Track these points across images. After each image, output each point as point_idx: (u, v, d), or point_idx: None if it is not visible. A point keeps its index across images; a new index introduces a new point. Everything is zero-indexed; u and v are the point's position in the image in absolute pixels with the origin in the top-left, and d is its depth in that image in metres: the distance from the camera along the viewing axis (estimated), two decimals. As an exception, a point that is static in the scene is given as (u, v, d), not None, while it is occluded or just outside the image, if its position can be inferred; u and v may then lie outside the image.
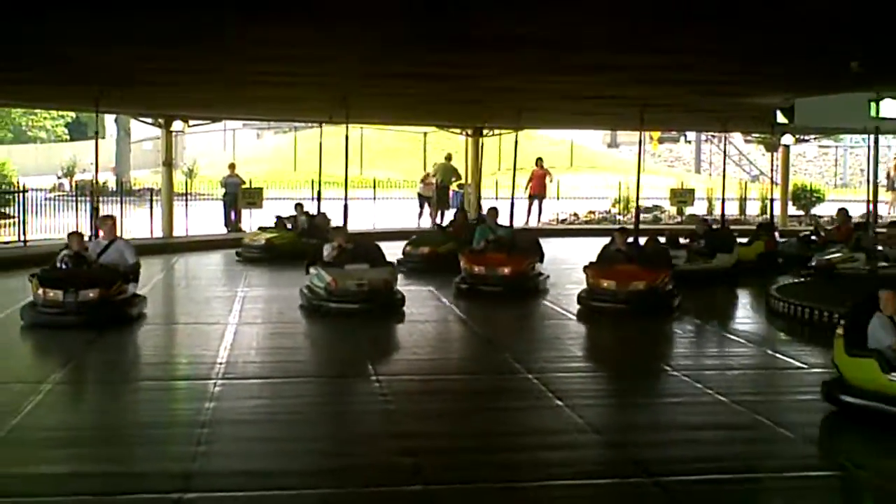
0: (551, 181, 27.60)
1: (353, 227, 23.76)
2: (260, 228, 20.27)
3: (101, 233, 12.87)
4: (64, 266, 12.03)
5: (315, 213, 20.18)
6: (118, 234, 13.00)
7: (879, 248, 15.68)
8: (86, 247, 12.60)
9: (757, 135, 32.89)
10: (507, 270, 14.69)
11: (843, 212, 19.44)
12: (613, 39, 9.03)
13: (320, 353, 11.20)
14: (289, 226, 19.96)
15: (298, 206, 20.76)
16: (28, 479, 6.51)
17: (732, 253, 16.82)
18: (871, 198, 14.70)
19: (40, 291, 11.61)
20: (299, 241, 18.86)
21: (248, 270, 17.91)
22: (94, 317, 11.43)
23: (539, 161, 27.13)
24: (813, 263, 16.53)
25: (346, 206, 15.70)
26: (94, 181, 14.14)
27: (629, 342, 11.86)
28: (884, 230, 17.26)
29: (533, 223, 26.39)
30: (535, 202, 26.89)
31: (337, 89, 14.07)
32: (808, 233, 20.27)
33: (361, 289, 12.68)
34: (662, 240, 16.26)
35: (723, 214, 19.33)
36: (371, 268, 13.07)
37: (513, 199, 17.26)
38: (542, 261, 15.71)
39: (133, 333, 11.92)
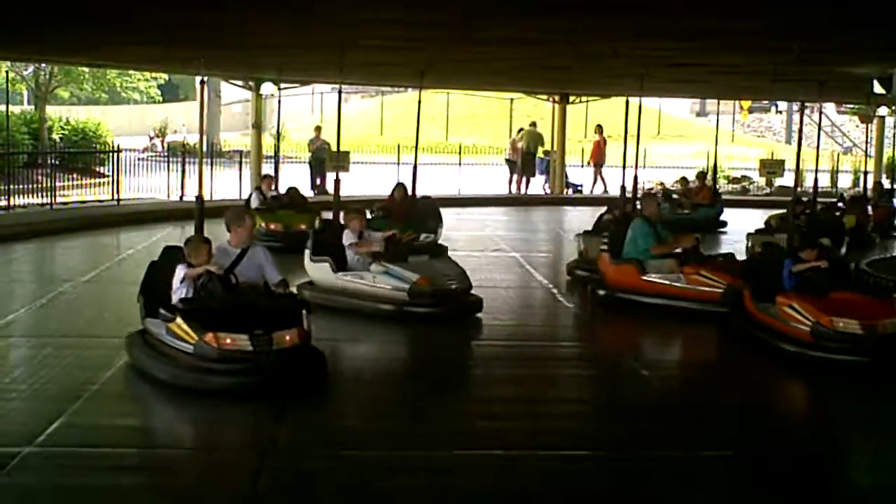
0: (603, 147, 26.99)
1: (438, 192, 23.94)
2: None
3: (235, 236, 8.44)
4: (207, 294, 7.78)
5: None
6: (253, 236, 8.75)
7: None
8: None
9: (851, 105, 32.05)
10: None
11: None
12: (706, 4, 8.84)
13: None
14: None
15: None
16: (123, 431, 6.67)
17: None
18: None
19: (208, 338, 7.24)
20: None
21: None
22: (294, 372, 7.36)
23: (598, 128, 26.76)
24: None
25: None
26: (200, 143, 11.83)
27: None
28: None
29: (598, 191, 26.04)
30: (596, 170, 26.55)
31: (423, 54, 13.97)
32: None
33: (454, 290, 10.36)
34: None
35: (815, 191, 16.77)
36: (442, 262, 10.92)
37: (634, 170, 13.61)
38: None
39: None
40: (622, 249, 11.26)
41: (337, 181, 12.84)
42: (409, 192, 14.99)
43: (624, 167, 13.63)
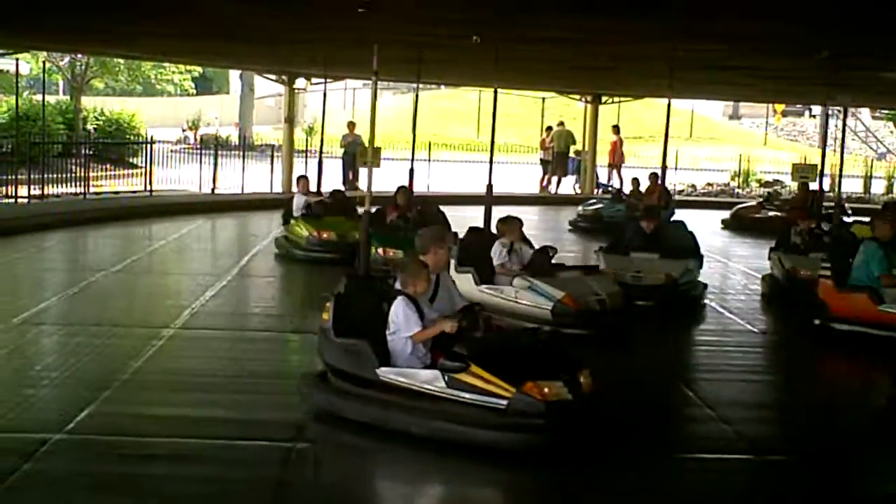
0: (620, 148, 26.72)
1: (468, 190, 23.94)
2: None
3: (434, 259, 6.93)
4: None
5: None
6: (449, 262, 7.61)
7: None
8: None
9: (886, 111, 31.74)
10: None
11: None
12: (749, 8, 8.76)
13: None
14: None
15: None
16: (153, 421, 6.71)
17: None
18: None
19: (528, 388, 6.01)
20: None
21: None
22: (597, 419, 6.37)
23: (615, 128, 26.59)
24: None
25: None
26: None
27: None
28: None
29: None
30: (614, 171, 26.39)
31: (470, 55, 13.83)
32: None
33: (604, 310, 9.50)
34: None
35: (839, 201, 16.13)
36: (596, 279, 9.90)
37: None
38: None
39: (250, 285, 12.24)
40: (846, 273, 9.75)
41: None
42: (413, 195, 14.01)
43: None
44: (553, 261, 10.20)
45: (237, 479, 5.75)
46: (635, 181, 20.39)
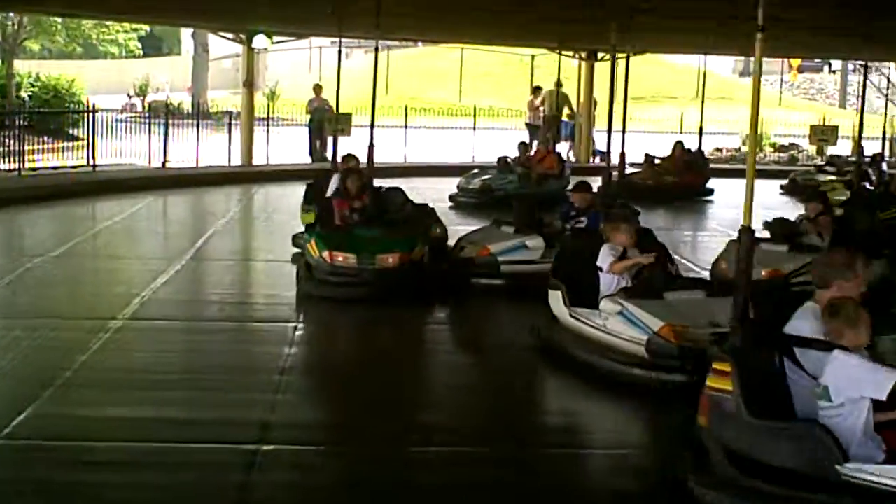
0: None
1: (450, 159, 23.95)
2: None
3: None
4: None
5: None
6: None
7: None
8: None
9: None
10: None
11: None
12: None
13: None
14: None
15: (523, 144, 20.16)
16: (101, 423, 6.71)
17: None
18: None
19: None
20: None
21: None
22: None
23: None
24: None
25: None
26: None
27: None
28: None
29: None
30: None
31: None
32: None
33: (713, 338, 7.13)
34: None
35: (858, 168, 16.45)
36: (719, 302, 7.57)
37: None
38: None
39: (207, 270, 12.23)
40: None
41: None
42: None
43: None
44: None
45: (194, 486, 5.76)
46: (523, 146, 19.81)
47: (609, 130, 13.09)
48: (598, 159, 26.25)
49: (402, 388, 7.86)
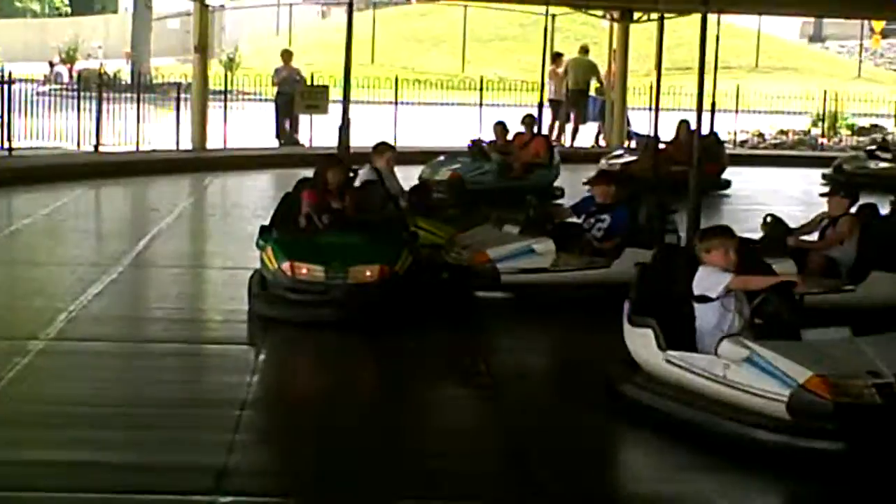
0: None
1: (451, 143, 23.87)
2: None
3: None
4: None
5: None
6: None
7: None
8: None
9: None
10: None
11: None
12: None
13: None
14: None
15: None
16: (18, 468, 6.69)
17: None
18: None
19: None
20: None
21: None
22: None
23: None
24: None
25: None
26: None
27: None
28: None
29: None
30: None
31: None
32: None
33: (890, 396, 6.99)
34: None
35: None
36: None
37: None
38: None
39: (150, 279, 12.24)
40: None
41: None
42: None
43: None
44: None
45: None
46: (500, 126, 19.02)
47: (656, 107, 13.01)
48: (633, 143, 26.29)
49: (387, 429, 7.85)
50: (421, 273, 10.50)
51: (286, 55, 25.42)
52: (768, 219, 11.22)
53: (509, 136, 18.76)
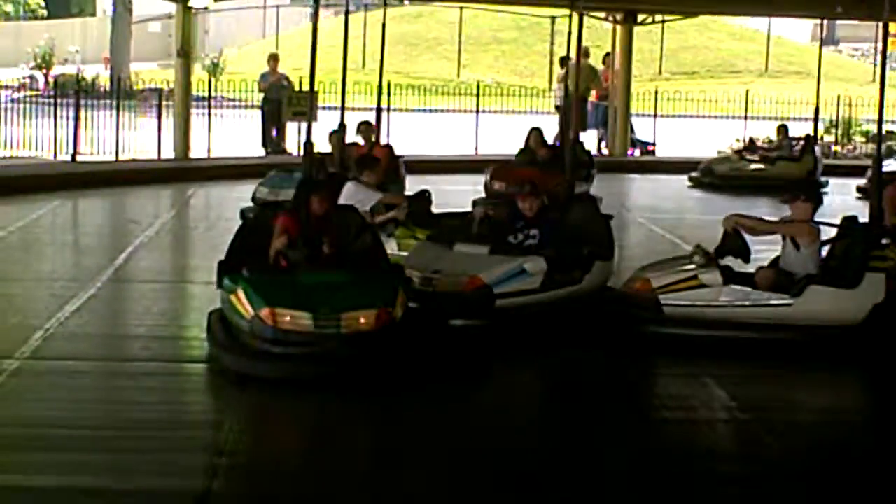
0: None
1: (448, 152, 23.90)
2: None
3: None
4: None
5: None
6: None
7: None
8: None
9: None
10: None
11: None
12: None
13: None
14: None
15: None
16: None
17: None
18: None
19: None
20: None
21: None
22: None
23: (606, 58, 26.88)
24: None
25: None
26: None
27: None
28: None
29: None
30: None
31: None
32: None
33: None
34: None
35: None
36: None
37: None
38: None
39: (130, 295, 12.23)
40: None
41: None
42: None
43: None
44: None
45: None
46: (335, 135, 16.66)
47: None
48: (637, 151, 26.33)
49: (390, 452, 7.86)
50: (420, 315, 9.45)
51: (273, 59, 25.44)
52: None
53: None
